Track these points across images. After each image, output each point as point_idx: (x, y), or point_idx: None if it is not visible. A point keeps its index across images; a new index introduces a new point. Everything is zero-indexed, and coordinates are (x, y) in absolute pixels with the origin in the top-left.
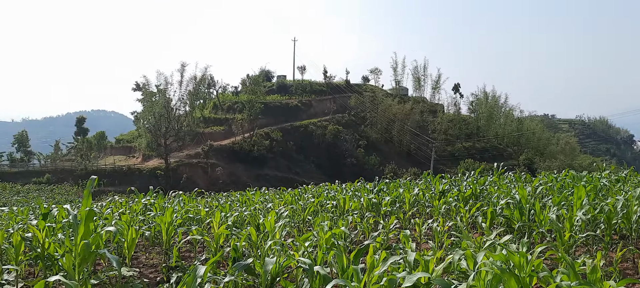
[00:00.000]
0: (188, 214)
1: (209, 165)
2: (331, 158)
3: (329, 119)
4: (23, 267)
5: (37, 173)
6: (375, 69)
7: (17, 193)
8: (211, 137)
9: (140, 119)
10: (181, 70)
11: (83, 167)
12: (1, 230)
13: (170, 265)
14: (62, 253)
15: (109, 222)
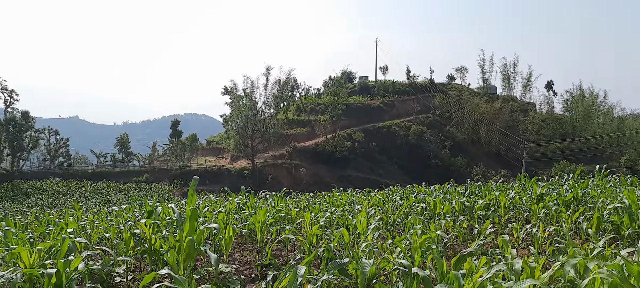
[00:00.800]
0: (279, 214)
1: (293, 165)
2: (414, 159)
3: (412, 120)
4: (131, 261)
5: (136, 172)
6: (461, 67)
7: (120, 191)
8: (295, 138)
9: (229, 121)
10: (266, 74)
11: (177, 167)
12: (113, 227)
13: (263, 263)
14: (167, 248)
15: (209, 219)
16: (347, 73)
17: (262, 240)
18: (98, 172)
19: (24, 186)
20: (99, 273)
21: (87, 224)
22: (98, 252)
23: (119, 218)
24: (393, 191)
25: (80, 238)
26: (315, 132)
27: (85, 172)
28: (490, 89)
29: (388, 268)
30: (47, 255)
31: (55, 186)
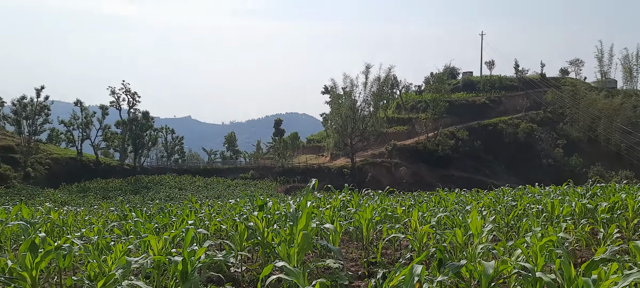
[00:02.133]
0: (386, 212)
1: (393, 164)
2: (523, 159)
3: (521, 117)
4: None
5: (243, 169)
6: (576, 60)
7: (228, 186)
8: (394, 136)
9: (328, 120)
10: (366, 72)
11: (280, 164)
12: (229, 219)
13: (370, 260)
14: (278, 242)
15: (317, 216)
16: (449, 69)
17: (368, 237)
18: (209, 168)
19: (144, 180)
20: (217, 262)
21: (205, 216)
22: (215, 243)
23: (233, 212)
24: (504, 192)
25: (202, 230)
26: (416, 130)
27: (197, 168)
28: (609, 82)
29: (506, 271)
30: (172, 244)
31: (171, 181)
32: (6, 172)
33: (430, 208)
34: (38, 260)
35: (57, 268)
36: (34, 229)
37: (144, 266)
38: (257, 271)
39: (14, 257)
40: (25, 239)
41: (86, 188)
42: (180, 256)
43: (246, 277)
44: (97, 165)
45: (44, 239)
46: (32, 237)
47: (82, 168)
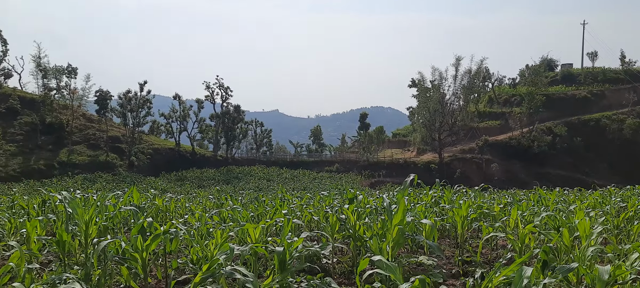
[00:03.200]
0: (482, 209)
1: (484, 160)
2: (629, 157)
3: (627, 112)
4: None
5: (328, 162)
6: None
7: (313, 179)
8: (486, 131)
9: (415, 114)
10: (456, 64)
11: (365, 158)
12: (320, 211)
13: (464, 259)
14: (370, 236)
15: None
16: (547, 61)
17: (463, 235)
18: (295, 160)
19: (235, 171)
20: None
21: (296, 208)
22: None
23: (323, 204)
24: (611, 192)
25: (298, 221)
26: (509, 125)
27: (284, 160)
28: None
29: (622, 277)
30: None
31: (260, 172)
32: (113, 160)
33: (529, 207)
34: (148, 243)
35: (162, 250)
36: (142, 214)
37: (243, 253)
38: (347, 263)
39: (126, 239)
40: (136, 223)
41: (183, 177)
42: (281, 246)
43: (337, 269)
44: (193, 155)
45: (151, 223)
46: (141, 221)
47: (180, 158)
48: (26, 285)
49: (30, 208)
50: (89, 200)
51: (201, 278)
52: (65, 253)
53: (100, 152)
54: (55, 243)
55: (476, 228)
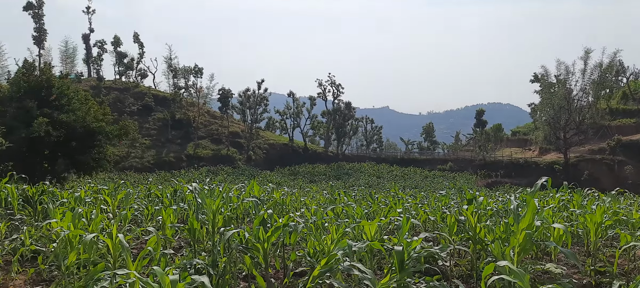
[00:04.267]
0: (618, 216)
1: (616, 162)
2: None
3: None
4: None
5: (440, 161)
6: None
7: (425, 177)
8: (619, 130)
9: (538, 111)
10: (584, 57)
11: (481, 157)
12: (438, 211)
13: (597, 269)
14: (492, 239)
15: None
16: None
17: (596, 243)
18: (406, 158)
19: (345, 167)
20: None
21: (411, 206)
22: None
23: (439, 203)
24: None
25: (415, 221)
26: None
27: (394, 157)
28: None
29: None
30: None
31: (370, 169)
32: (233, 154)
33: None
34: (269, 235)
35: (281, 242)
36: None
37: (359, 250)
38: (466, 267)
39: (249, 229)
40: (257, 215)
41: (296, 172)
42: (400, 245)
43: (454, 272)
44: (305, 151)
45: (271, 216)
46: (262, 213)
47: (293, 153)
48: (162, 268)
49: (163, 198)
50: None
51: (319, 271)
52: (195, 240)
53: (222, 146)
54: (187, 231)
55: (610, 237)
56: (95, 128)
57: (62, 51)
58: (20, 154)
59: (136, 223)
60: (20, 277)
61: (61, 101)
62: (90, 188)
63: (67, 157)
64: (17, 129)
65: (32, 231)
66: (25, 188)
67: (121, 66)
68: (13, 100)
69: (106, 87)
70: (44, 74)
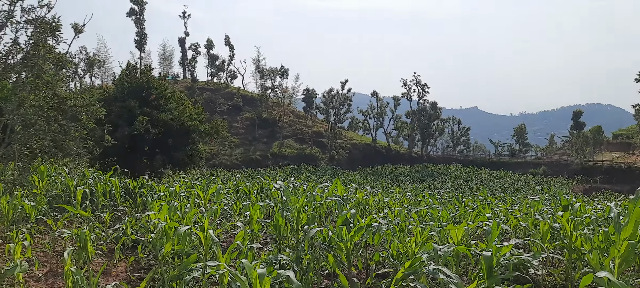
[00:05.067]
0: None
1: None
2: None
3: None
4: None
5: (533, 164)
6: None
7: (516, 181)
8: None
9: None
10: None
11: (578, 161)
12: (530, 218)
13: None
14: (589, 249)
15: None
16: None
17: None
18: (495, 161)
19: (430, 169)
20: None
21: (500, 211)
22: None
23: (531, 209)
24: None
25: (506, 226)
26: None
27: (483, 160)
28: None
29: None
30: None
31: (456, 171)
32: (316, 154)
33: None
34: (352, 234)
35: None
36: (345, 206)
37: (445, 254)
38: (559, 277)
39: (333, 228)
40: (340, 214)
41: (378, 173)
42: (489, 250)
43: (547, 282)
44: (388, 151)
45: (354, 215)
46: (345, 212)
47: (376, 154)
48: (249, 261)
49: (251, 194)
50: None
51: (403, 274)
52: (280, 236)
53: (306, 145)
54: (272, 227)
55: None
56: (189, 126)
57: (161, 54)
58: (123, 150)
59: (225, 218)
60: (121, 264)
61: (159, 101)
62: (184, 183)
63: (164, 154)
64: (120, 127)
65: (133, 222)
66: (127, 182)
67: (213, 68)
68: (117, 100)
69: (199, 87)
70: (145, 75)
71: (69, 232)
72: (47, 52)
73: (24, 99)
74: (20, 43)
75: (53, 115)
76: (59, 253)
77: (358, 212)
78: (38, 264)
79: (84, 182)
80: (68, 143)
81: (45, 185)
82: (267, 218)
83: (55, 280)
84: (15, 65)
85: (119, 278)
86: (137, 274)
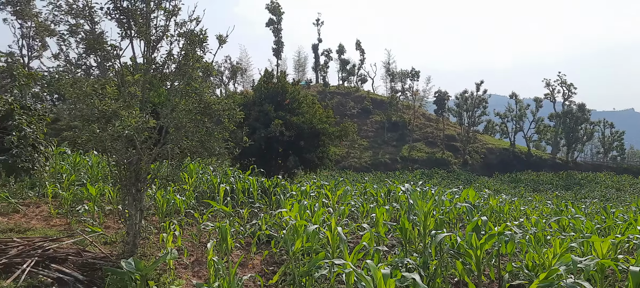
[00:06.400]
0: None
1: None
2: None
3: None
4: None
5: None
6: None
7: None
8: None
9: None
10: None
11: None
12: None
13: None
14: None
15: None
16: None
17: None
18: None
19: (577, 176)
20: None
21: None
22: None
23: None
24: None
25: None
26: None
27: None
28: None
29: None
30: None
31: (607, 179)
32: (448, 158)
33: None
34: (482, 242)
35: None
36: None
37: (587, 267)
38: None
39: (462, 235)
40: (471, 221)
41: (517, 179)
42: (637, 266)
43: None
44: (529, 157)
45: (485, 223)
46: (476, 219)
47: (514, 159)
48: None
49: (378, 197)
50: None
51: (538, 286)
52: (407, 239)
53: (437, 149)
54: (399, 230)
55: None
56: (319, 129)
57: (295, 60)
58: (259, 151)
59: (352, 219)
60: (257, 257)
61: (293, 105)
62: (314, 184)
63: (296, 155)
64: (258, 129)
65: (267, 218)
66: (263, 181)
67: (344, 72)
68: (255, 105)
69: (330, 91)
70: (280, 81)
71: (212, 225)
72: (196, 61)
73: (176, 104)
74: (173, 54)
75: (200, 119)
76: (204, 244)
77: (491, 219)
78: (186, 253)
79: (226, 180)
80: (212, 144)
81: (194, 181)
82: (393, 222)
83: (200, 268)
84: (169, 74)
85: (255, 271)
86: (270, 268)
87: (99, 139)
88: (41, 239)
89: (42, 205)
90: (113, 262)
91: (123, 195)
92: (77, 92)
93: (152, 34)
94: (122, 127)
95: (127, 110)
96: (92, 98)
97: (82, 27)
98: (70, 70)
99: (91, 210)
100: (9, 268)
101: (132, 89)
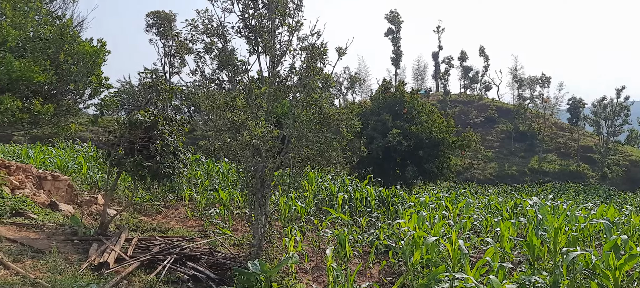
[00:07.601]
0: None
1: None
2: None
3: None
4: None
5: None
6: None
7: None
8: None
9: None
10: None
11: None
12: None
13: None
14: None
15: None
16: None
17: None
18: None
19: None
20: None
21: None
22: None
23: None
24: None
25: None
26: None
27: None
28: None
29: None
30: None
31: None
32: (584, 170)
33: None
34: (621, 262)
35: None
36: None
37: None
38: None
39: (597, 254)
40: (609, 239)
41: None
42: None
43: None
44: None
45: (626, 241)
46: (615, 238)
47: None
48: (499, 280)
49: (503, 210)
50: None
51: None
52: (534, 257)
53: (571, 161)
54: (526, 246)
55: None
56: (439, 139)
57: (415, 69)
58: (377, 160)
59: (475, 233)
60: (375, 266)
61: (411, 114)
62: (433, 195)
63: (415, 165)
64: (375, 139)
65: (385, 228)
66: (380, 190)
67: (466, 80)
68: (373, 114)
69: (451, 100)
70: (398, 90)
71: (331, 232)
72: (316, 73)
73: (298, 115)
74: (296, 67)
75: (319, 129)
76: (323, 250)
77: (633, 238)
78: (307, 258)
79: (344, 189)
80: (331, 153)
81: (313, 189)
82: (520, 237)
83: (320, 274)
84: (291, 86)
85: (373, 280)
86: (389, 278)
87: (229, 148)
88: (179, 239)
89: (180, 207)
90: (240, 263)
91: (250, 200)
92: (211, 104)
93: (277, 49)
94: (250, 137)
95: (254, 120)
96: (224, 110)
97: (216, 44)
98: (205, 84)
99: (222, 213)
100: (152, 263)
101: (258, 101)
